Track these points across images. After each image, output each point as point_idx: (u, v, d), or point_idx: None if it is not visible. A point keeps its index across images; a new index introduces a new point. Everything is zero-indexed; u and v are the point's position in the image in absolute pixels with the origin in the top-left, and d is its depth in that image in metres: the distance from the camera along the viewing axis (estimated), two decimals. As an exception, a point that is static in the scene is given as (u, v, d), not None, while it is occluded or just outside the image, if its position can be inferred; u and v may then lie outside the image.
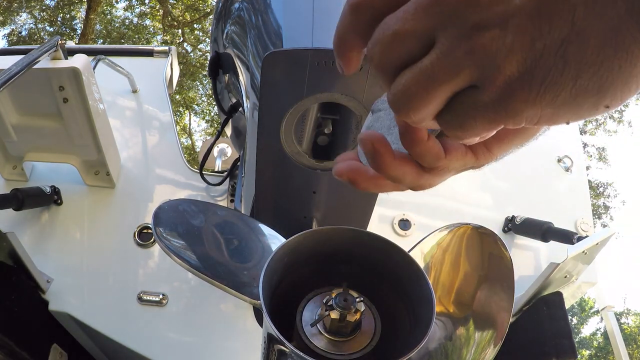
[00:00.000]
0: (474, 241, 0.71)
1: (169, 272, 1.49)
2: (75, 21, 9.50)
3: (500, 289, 0.67)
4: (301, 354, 0.52)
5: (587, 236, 1.43)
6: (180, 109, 10.03)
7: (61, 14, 9.48)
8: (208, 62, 1.13)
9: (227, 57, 1.06)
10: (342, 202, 0.95)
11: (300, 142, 0.80)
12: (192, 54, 9.80)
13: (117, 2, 9.78)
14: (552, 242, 1.56)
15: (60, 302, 1.39)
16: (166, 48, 2.17)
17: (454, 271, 0.71)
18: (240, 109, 1.22)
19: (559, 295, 1.41)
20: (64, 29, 9.36)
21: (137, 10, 9.85)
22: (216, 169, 2.48)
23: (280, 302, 0.62)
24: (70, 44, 2.47)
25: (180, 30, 9.61)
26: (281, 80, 0.72)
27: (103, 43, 9.39)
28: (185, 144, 9.93)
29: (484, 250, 0.70)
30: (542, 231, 1.55)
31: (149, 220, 1.56)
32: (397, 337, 0.62)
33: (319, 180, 0.86)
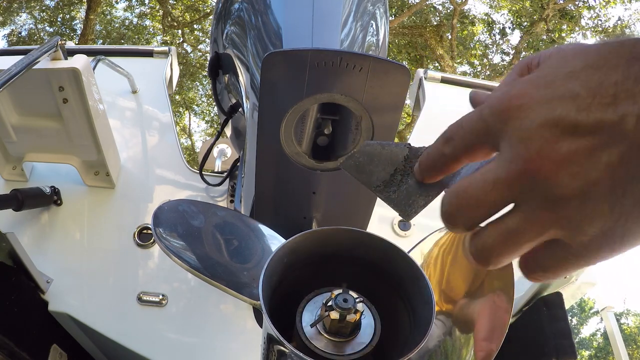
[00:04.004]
0: (474, 241, 0.71)
1: (168, 273, 1.49)
2: (75, 21, 9.50)
3: (500, 289, 0.67)
4: (301, 354, 0.52)
5: (586, 236, 1.43)
6: (180, 109, 10.03)
7: (61, 15, 9.48)
8: (208, 62, 1.13)
9: (227, 58, 1.06)
10: (341, 203, 0.95)
11: (300, 142, 0.80)
12: (192, 55, 9.81)
13: (117, 3, 9.78)
14: (552, 243, 1.56)
15: (60, 303, 1.39)
16: (166, 48, 2.17)
17: (454, 271, 0.71)
18: (240, 109, 1.22)
19: (559, 296, 1.41)
20: (63, 30, 9.36)
21: (137, 11, 9.85)
22: (216, 170, 2.48)
23: (280, 302, 0.62)
24: (70, 44, 2.46)
25: (180, 31, 9.61)
26: (281, 80, 0.73)
27: (103, 43, 9.38)
28: (185, 144, 9.93)
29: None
30: (542, 231, 1.55)
31: (148, 220, 1.56)
32: (397, 337, 0.62)
33: (319, 180, 0.86)
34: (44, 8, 9.43)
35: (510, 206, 0.31)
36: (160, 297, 1.43)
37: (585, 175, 0.28)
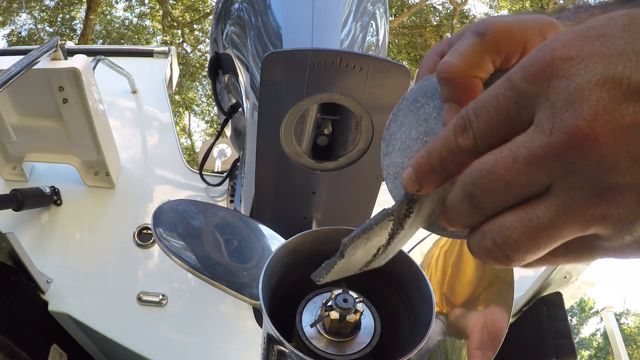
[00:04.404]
0: (474, 241, 0.71)
1: (168, 273, 1.49)
2: (75, 21, 9.50)
3: (499, 289, 0.67)
4: (301, 354, 0.52)
5: (586, 236, 1.43)
6: (180, 109, 10.03)
7: (61, 15, 9.48)
8: (208, 62, 1.13)
9: (227, 58, 1.06)
10: (341, 203, 0.95)
11: (300, 142, 0.80)
12: (192, 55, 9.81)
13: (116, 3, 9.79)
14: (551, 243, 1.56)
15: (60, 303, 1.39)
16: (166, 48, 2.17)
17: (453, 271, 0.71)
18: (240, 109, 1.22)
19: (558, 296, 1.41)
20: (63, 30, 9.36)
21: (137, 11, 9.85)
22: (216, 170, 2.48)
23: (279, 302, 0.62)
24: (70, 44, 2.47)
25: (179, 31, 9.61)
26: (281, 80, 0.72)
27: (103, 43, 9.39)
28: (185, 144, 9.93)
29: (483, 250, 0.70)
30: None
31: (148, 220, 1.56)
32: (397, 337, 0.62)
33: (319, 180, 0.86)
34: (44, 8, 9.43)
35: None
36: (160, 297, 1.43)
37: None
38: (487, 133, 0.26)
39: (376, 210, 0.98)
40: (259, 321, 0.99)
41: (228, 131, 1.60)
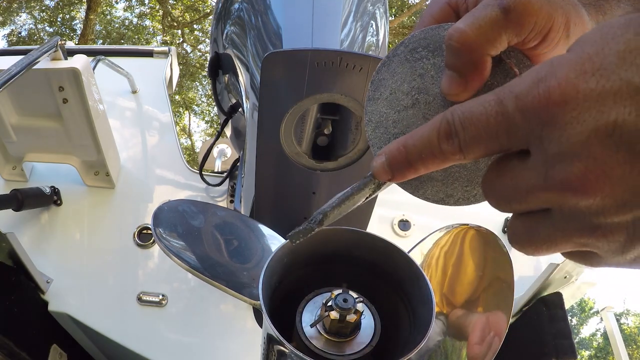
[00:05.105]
0: (474, 241, 0.71)
1: (168, 273, 1.49)
2: (75, 22, 9.51)
3: (499, 289, 0.67)
4: (301, 354, 0.52)
5: (586, 236, 1.43)
6: (180, 109, 10.03)
7: (61, 15, 9.48)
8: (208, 62, 1.13)
9: (227, 58, 1.06)
10: (341, 203, 0.95)
11: (300, 142, 0.80)
12: (192, 55, 9.81)
13: (116, 3, 9.79)
14: (551, 243, 1.56)
15: (60, 303, 1.39)
16: (166, 48, 2.17)
17: (454, 271, 0.71)
18: (240, 109, 1.22)
19: (558, 296, 1.41)
20: (63, 30, 9.36)
21: (137, 11, 9.86)
22: (216, 170, 2.48)
23: (280, 302, 0.62)
24: (70, 44, 2.47)
25: (180, 31, 9.62)
26: (281, 80, 0.72)
27: (103, 43, 9.39)
28: (185, 144, 9.93)
29: (483, 250, 0.70)
30: (542, 231, 1.55)
31: (148, 220, 1.56)
32: (397, 337, 0.62)
33: (319, 181, 0.86)
34: (44, 8, 9.44)
35: None
36: (160, 297, 1.43)
37: None
38: (474, 146, 0.27)
39: (376, 210, 0.98)
40: (259, 321, 0.99)
41: (228, 131, 1.60)
